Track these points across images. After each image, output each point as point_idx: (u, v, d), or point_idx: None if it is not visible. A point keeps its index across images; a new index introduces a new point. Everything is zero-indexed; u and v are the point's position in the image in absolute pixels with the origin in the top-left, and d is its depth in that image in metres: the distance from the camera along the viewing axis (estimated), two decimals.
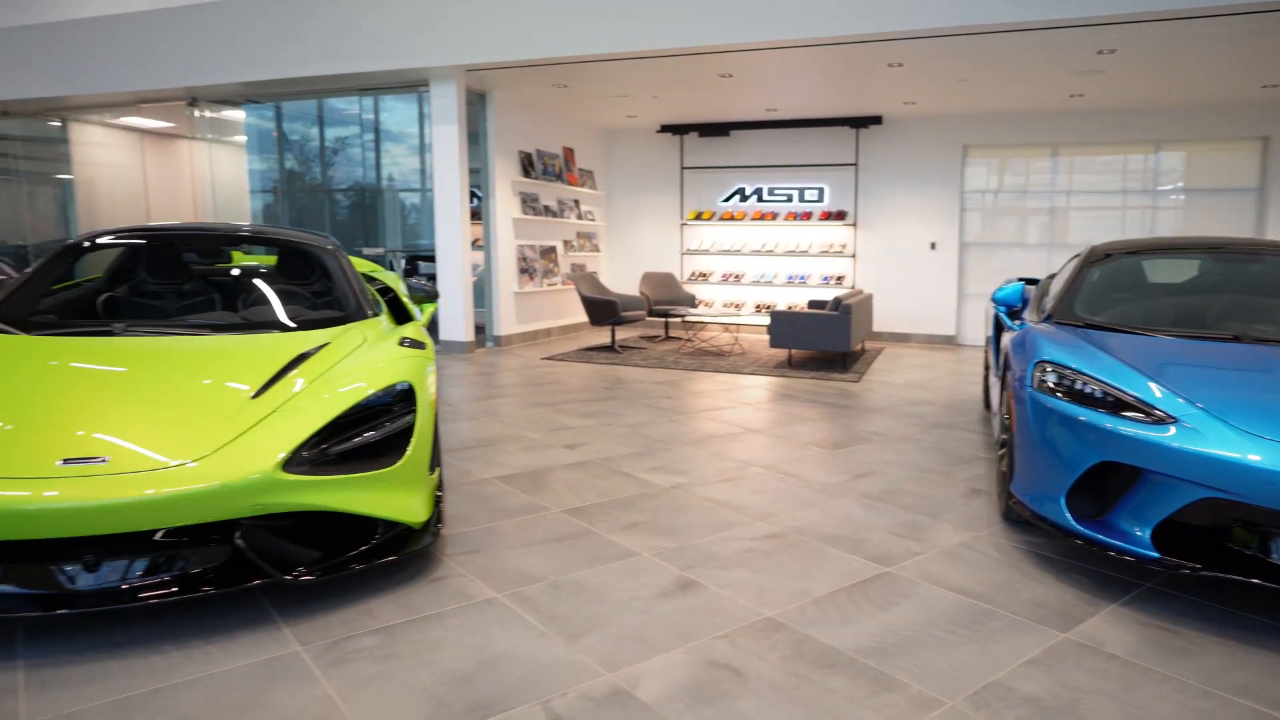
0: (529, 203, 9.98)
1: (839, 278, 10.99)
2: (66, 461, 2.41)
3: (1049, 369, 3.17)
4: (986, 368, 5.81)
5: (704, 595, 2.84)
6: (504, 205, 9.48)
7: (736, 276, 11.50)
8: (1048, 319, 3.89)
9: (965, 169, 10.42)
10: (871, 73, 8.07)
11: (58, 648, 2.39)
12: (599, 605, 2.75)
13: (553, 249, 10.55)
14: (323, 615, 2.64)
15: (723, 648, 2.47)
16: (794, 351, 8.79)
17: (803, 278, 11.16)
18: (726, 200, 11.58)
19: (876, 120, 10.50)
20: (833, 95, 9.34)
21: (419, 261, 10.88)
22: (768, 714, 2.13)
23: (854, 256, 10.90)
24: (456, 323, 8.84)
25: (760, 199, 11.40)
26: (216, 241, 4.49)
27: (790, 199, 11.24)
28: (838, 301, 7.99)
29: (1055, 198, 10.17)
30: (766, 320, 9.70)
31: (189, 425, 2.65)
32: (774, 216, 11.27)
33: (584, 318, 10.90)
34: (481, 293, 9.58)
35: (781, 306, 11.04)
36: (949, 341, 10.54)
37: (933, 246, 10.55)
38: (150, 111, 11.07)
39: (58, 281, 3.90)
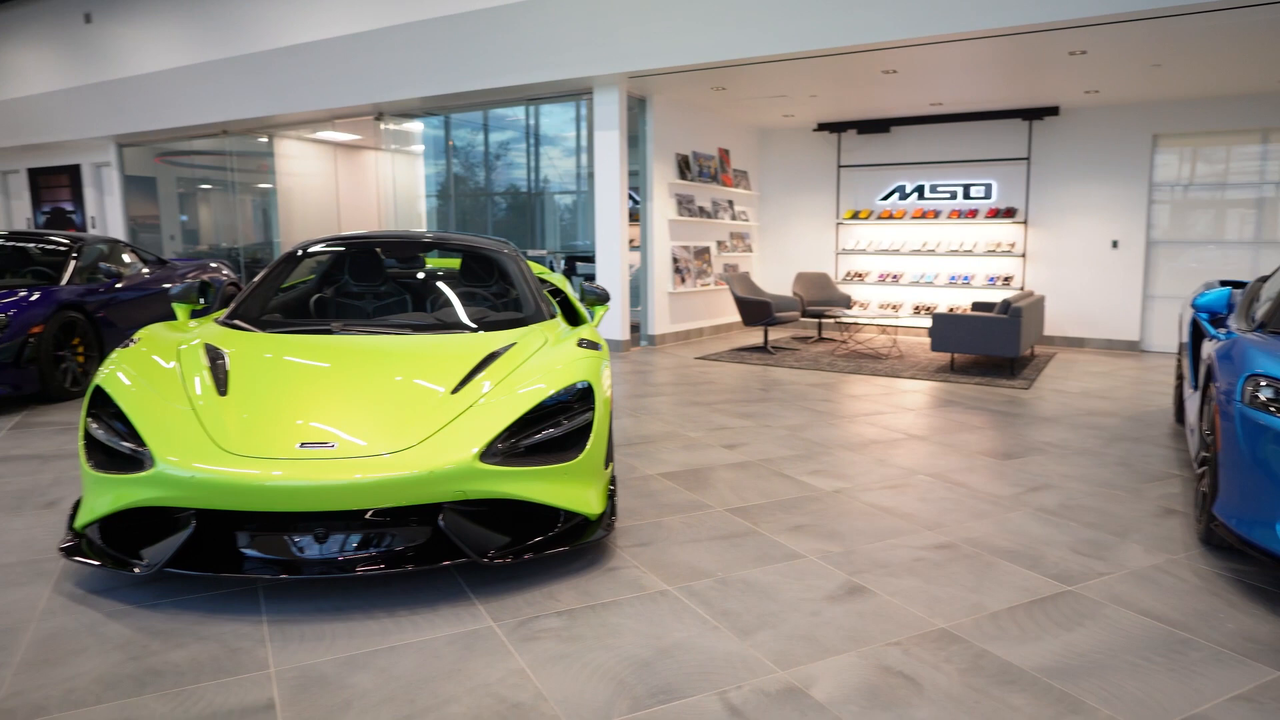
0: (684, 204, 10.14)
1: (1006, 278, 10.45)
2: (303, 445, 2.75)
3: (1263, 383, 2.94)
4: (1180, 378, 5.38)
5: (874, 601, 2.84)
6: (660, 207, 9.69)
7: (894, 277, 11.18)
8: (1260, 328, 3.58)
9: (1154, 159, 9.62)
10: (1050, 62, 7.63)
11: (292, 607, 2.73)
12: (768, 604, 2.82)
13: (706, 249, 10.67)
14: (510, 595, 2.86)
15: (896, 655, 2.48)
16: (956, 356, 8.46)
17: (966, 278, 10.69)
18: (885, 198, 11.27)
19: (1053, 111, 9.89)
20: (1005, 86, 8.89)
21: (577, 262, 11.30)
22: None
23: (1024, 256, 10.32)
24: (613, 322, 9.13)
25: (921, 196, 11.02)
26: (409, 248, 4.90)
27: (954, 196, 10.80)
28: (1006, 304, 7.62)
29: (1264, 189, 9.20)
30: (927, 322, 9.39)
31: (399, 417, 2.94)
32: (936, 215, 10.86)
33: (736, 318, 10.95)
34: (636, 293, 9.84)
35: (942, 308, 10.63)
36: (1131, 347, 9.78)
37: (1114, 245, 9.82)
38: (342, 126, 12.13)
39: (282, 284, 4.39)
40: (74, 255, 6.66)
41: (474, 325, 3.89)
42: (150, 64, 12.84)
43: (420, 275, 4.87)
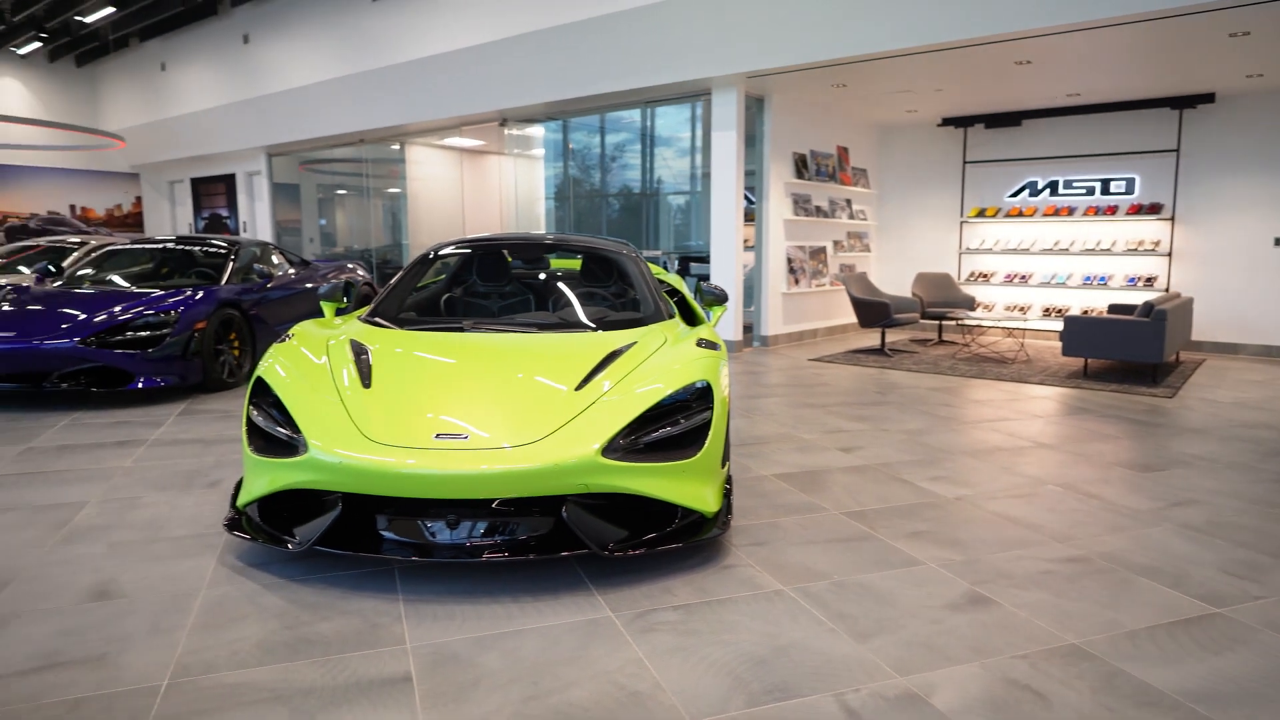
0: (800, 204, 10.02)
1: (1149, 279, 9.78)
2: (439, 436, 2.92)
3: None
4: None
5: (998, 612, 2.76)
6: (776, 207, 9.62)
7: (1023, 277, 10.66)
8: None
9: None
10: (1205, 45, 7.09)
11: (425, 588, 2.91)
12: (886, 609, 2.78)
13: (822, 249, 10.51)
14: (628, 588, 2.94)
15: (1022, 668, 2.40)
16: (1091, 361, 8.00)
17: (1103, 279, 10.08)
18: (1014, 195, 10.77)
19: (1207, 99, 9.17)
20: (1152, 74, 8.32)
21: (690, 263, 11.36)
22: None
23: (1170, 255, 9.63)
24: (726, 322, 9.12)
25: (1054, 193, 10.46)
26: (533, 250, 5.09)
27: (1091, 191, 10.20)
28: (1149, 306, 7.15)
29: None
30: (1058, 325, 8.91)
31: (526, 412, 3.07)
32: (1070, 211, 10.29)
33: (851, 319, 10.73)
34: (750, 293, 9.80)
35: (1075, 310, 10.06)
36: None
37: (1276, 243, 9.02)
38: (468, 132, 12.66)
39: (417, 284, 4.65)
40: (232, 258, 7.25)
41: (595, 325, 4.01)
42: (298, 79, 13.80)
43: (543, 276, 5.04)
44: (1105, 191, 10.11)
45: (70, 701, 2.17)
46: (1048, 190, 10.52)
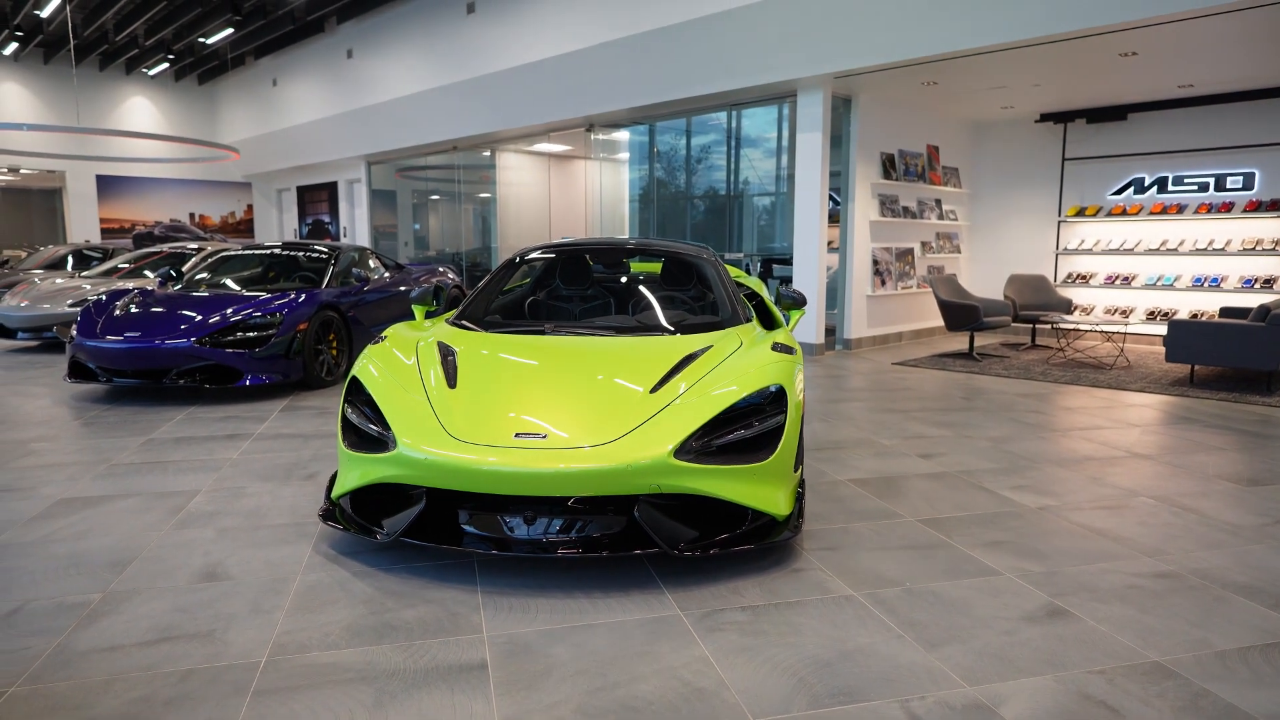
0: (887, 204, 9.83)
1: (1267, 280, 9.16)
2: (519, 435, 3.04)
3: None
4: None
5: (1077, 626, 2.69)
6: (861, 208, 9.47)
7: (1125, 279, 10.16)
8: None
9: None
10: None
11: (502, 581, 3.04)
12: (958, 618, 2.75)
13: (909, 251, 10.27)
14: (697, 588, 2.99)
15: (1099, 684, 2.34)
16: (1198, 368, 7.56)
17: (1215, 281, 9.50)
18: (1117, 193, 10.27)
19: None
20: (1272, 61, 7.79)
21: (773, 264, 11.29)
22: None
23: None
24: (808, 325, 9.04)
25: (1162, 190, 9.93)
26: (615, 254, 5.20)
27: (1205, 188, 9.63)
28: (1265, 310, 6.71)
29: None
30: (1161, 329, 8.47)
31: (602, 412, 3.16)
32: (1179, 209, 9.74)
33: (938, 322, 10.45)
34: (833, 295, 9.68)
35: (1183, 313, 9.52)
36: None
37: None
38: (556, 138, 12.94)
39: (503, 288, 4.82)
40: (332, 262, 7.66)
41: (672, 328, 4.08)
42: (396, 91, 14.41)
43: (623, 280, 5.14)
44: (1220, 188, 9.53)
45: (182, 672, 2.38)
46: (1155, 187, 9.99)
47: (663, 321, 4.25)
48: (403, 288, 8.38)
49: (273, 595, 2.89)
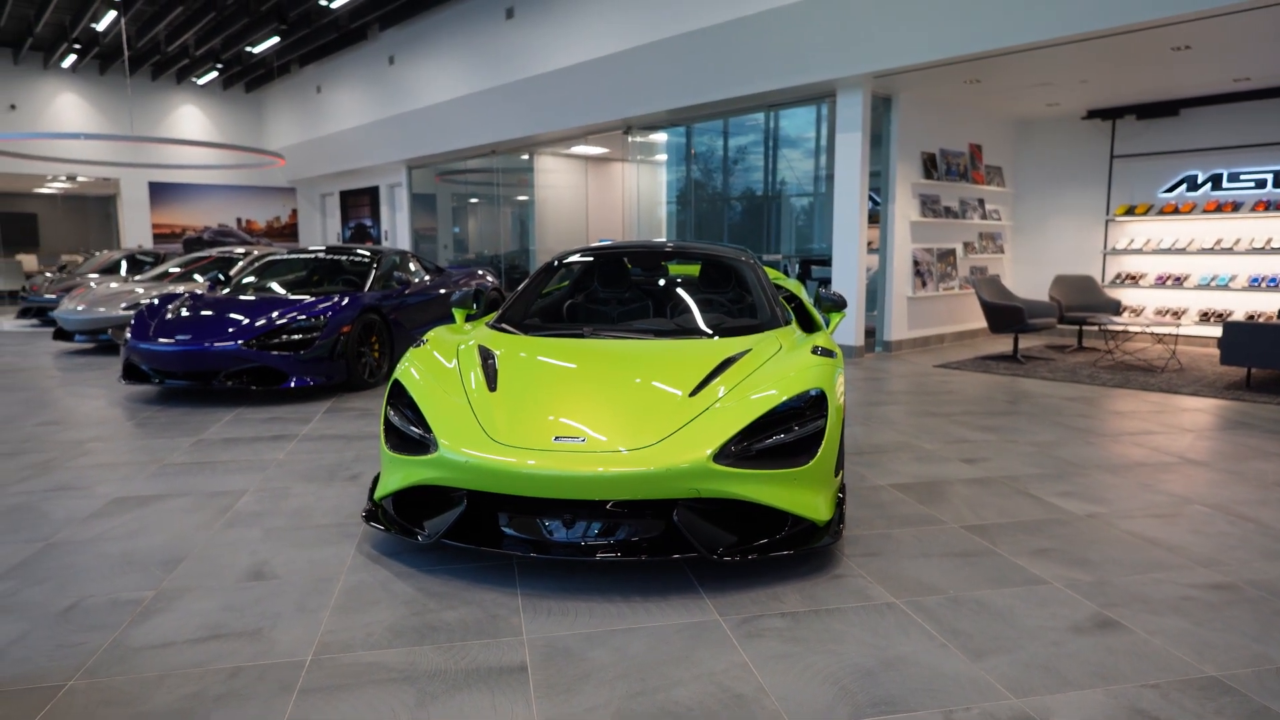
0: (928, 204, 9.69)
1: None
2: (557, 439, 3.06)
3: None
4: None
5: (1128, 638, 2.62)
6: (902, 209, 9.35)
7: (1178, 279, 9.88)
8: None
9: None
10: None
11: (541, 584, 3.05)
12: (1004, 627, 2.69)
13: (951, 251, 10.11)
14: (736, 593, 2.97)
15: (1151, 698, 2.28)
16: (1255, 371, 7.32)
17: (1274, 280, 9.19)
18: (1169, 191, 10.00)
19: None
20: None
21: (812, 265, 11.19)
22: None
23: None
24: (848, 327, 8.95)
25: (1217, 187, 9.64)
26: (653, 257, 5.20)
27: (1262, 185, 9.32)
28: None
29: None
30: (1216, 331, 8.21)
31: (640, 416, 3.16)
32: (1234, 207, 9.45)
33: (981, 324, 10.27)
34: (873, 297, 9.57)
35: (1239, 315, 9.22)
36: None
37: None
38: (593, 140, 12.99)
39: (542, 291, 4.85)
40: (374, 266, 7.78)
41: (711, 331, 4.06)
42: (437, 96, 14.60)
43: (662, 282, 5.13)
44: (1278, 184, 9.22)
45: (230, 669, 2.44)
46: (1209, 184, 9.70)
47: (701, 324, 4.24)
48: (443, 290, 8.48)
49: (317, 595, 2.94)
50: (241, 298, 7.14)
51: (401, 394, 3.46)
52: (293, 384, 6.41)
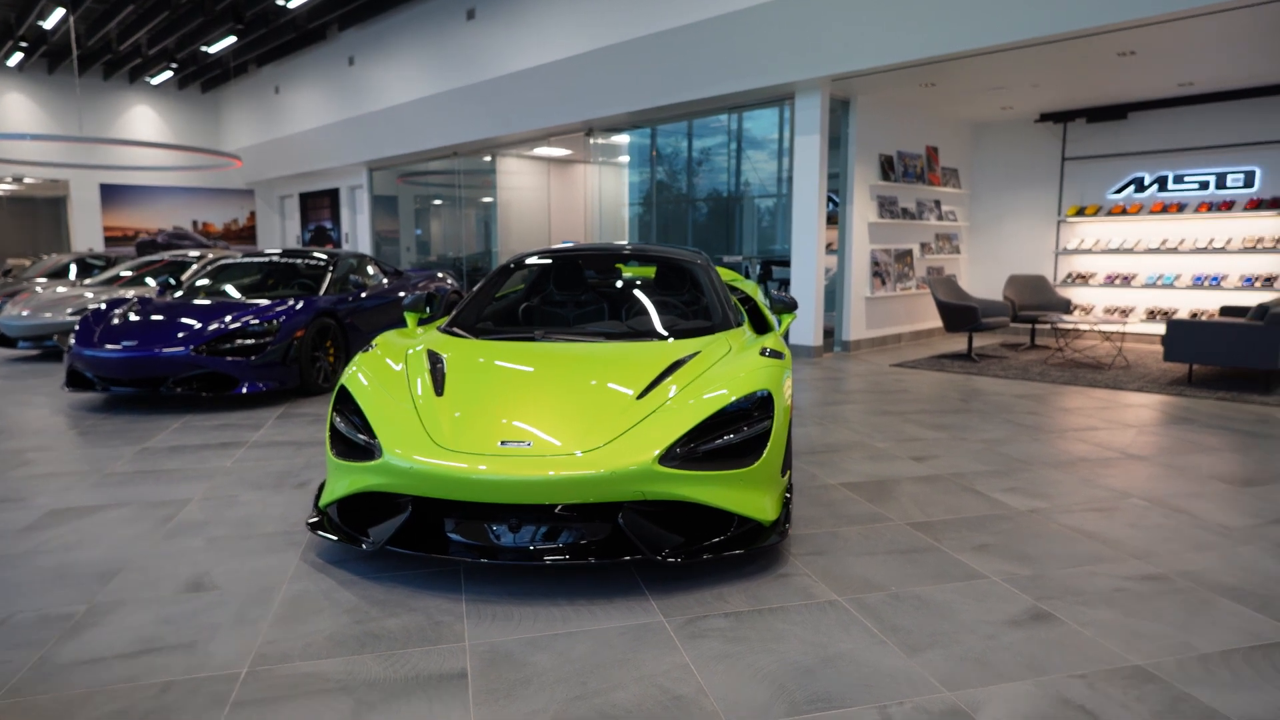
0: (886, 206, 9.82)
1: (1269, 279, 9.12)
2: (503, 444, 3.05)
3: None
4: None
5: (1060, 630, 2.68)
6: (861, 210, 9.46)
7: (1125, 279, 10.12)
8: None
9: None
10: None
11: (487, 589, 3.04)
12: (941, 622, 2.74)
13: (908, 252, 10.25)
14: (682, 594, 2.99)
15: (1078, 688, 2.33)
16: (1196, 367, 7.52)
17: (1215, 279, 9.45)
18: (1118, 192, 10.24)
19: None
20: (1274, 58, 7.75)
21: (773, 266, 11.28)
22: None
23: None
24: (806, 327, 9.03)
25: (1163, 189, 9.90)
26: (609, 260, 5.20)
27: (1205, 186, 9.59)
28: (1264, 308, 6.68)
29: None
30: (1160, 329, 8.42)
31: (588, 419, 3.16)
32: (1180, 208, 9.70)
33: (938, 323, 10.43)
34: (831, 297, 9.66)
35: (1183, 313, 9.48)
36: None
37: None
38: (556, 142, 12.97)
39: (496, 294, 4.82)
40: (330, 269, 7.69)
41: (662, 334, 4.08)
42: (398, 97, 14.47)
43: (619, 285, 5.14)
44: (1220, 186, 9.49)
45: (162, 684, 2.39)
46: (1155, 186, 9.96)
47: (653, 327, 4.25)
48: (401, 294, 8.40)
49: (258, 605, 2.90)
50: (193, 302, 7.01)
51: (347, 400, 3.43)
52: (244, 390, 6.30)
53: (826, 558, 3.31)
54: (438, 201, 16.60)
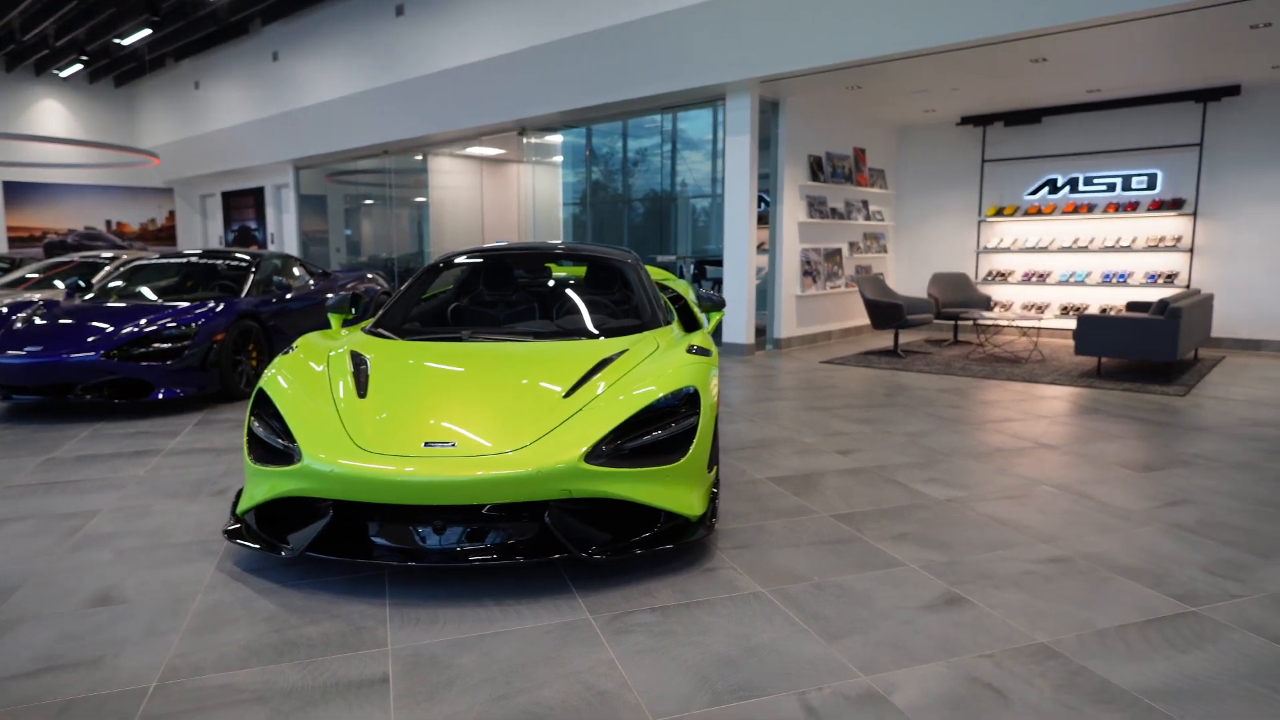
0: (815, 206, 10.02)
1: (1169, 275, 9.62)
2: (427, 445, 3.01)
3: None
4: None
5: (972, 612, 2.78)
6: (790, 210, 9.63)
7: (1040, 276, 10.55)
8: None
9: None
10: (1227, 38, 6.97)
11: (412, 592, 3.00)
12: (860, 610, 2.82)
13: (837, 251, 10.48)
14: (609, 590, 3.00)
15: (987, 667, 2.43)
16: (1105, 360, 7.89)
17: (1122, 276, 9.93)
18: (1033, 193, 10.66)
19: (1232, 91, 9.00)
20: (1173, 67, 8.20)
21: (706, 266, 11.39)
22: None
23: (1191, 251, 9.47)
24: (739, 326, 9.16)
25: (1074, 190, 10.34)
26: (539, 259, 5.19)
27: (1112, 188, 10.06)
28: (1164, 304, 7.05)
29: None
30: (1072, 324, 8.78)
31: (513, 419, 3.15)
32: (1090, 209, 10.16)
33: (866, 321, 10.68)
34: (763, 296, 9.82)
35: (1094, 308, 9.93)
36: None
37: None
38: (488, 141, 12.84)
39: (423, 295, 4.76)
40: (253, 270, 7.46)
41: (592, 332, 4.09)
42: (325, 94, 14.11)
43: (550, 284, 5.12)
44: (1126, 188, 9.97)
45: (61, 703, 2.29)
46: (1068, 187, 10.40)
47: (582, 326, 4.26)
48: (329, 295, 8.21)
49: (170, 617, 2.80)
50: (105, 305, 6.72)
51: (266, 403, 3.34)
52: (160, 396, 6.07)
53: (752, 551, 3.37)
54: (368, 201, 16.25)
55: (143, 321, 6.23)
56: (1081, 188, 10.28)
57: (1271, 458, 4.64)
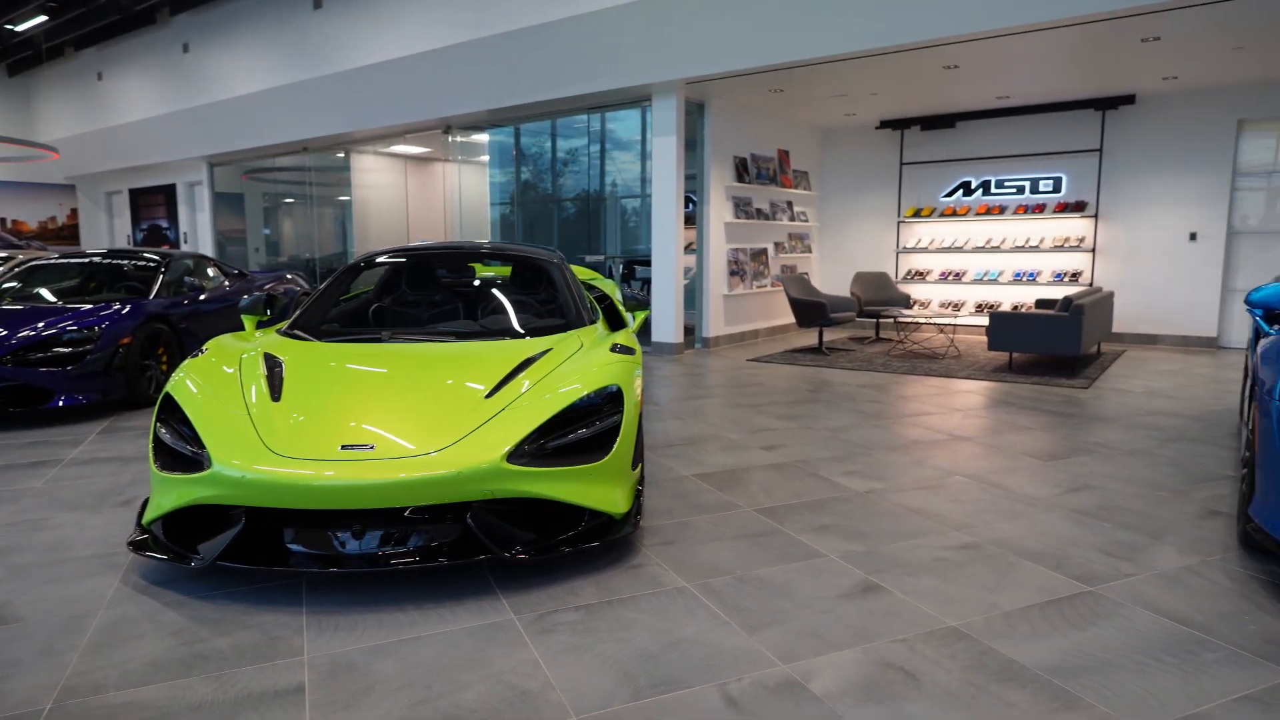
0: (741, 206, 10.16)
1: (1074, 274, 10.10)
2: (344, 448, 2.94)
3: None
4: (1246, 375, 5.15)
5: (887, 599, 2.87)
6: (717, 210, 9.74)
7: (957, 275, 10.94)
8: None
9: (1239, 146, 9.16)
10: (1122, 50, 7.36)
11: (331, 599, 2.93)
12: (781, 601, 2.88)
13: (763, 251, 10.66)
14: (534, 590, 2.99)
15: (900, 651, 2.51)
16: (1016, 355, 8.24)
17: (1032, 275, 10.38)
18: (949, 195, 11.05)
19: (1128, 100, 9.51)
20: (1075, 76, 8.62)
21: (635, 266, 11.43)
22: (938, 719, 2.16)
23: (1093, 250, 9.97)
24: (667, 325, 9.22)
25: (987, 192, 10.76)
26: (463, 259, 5.12)
27: (1021, 191, 10.50)
28: (1068, 301, 7.40)
29: None
30: (985, 321, 9.13)
31: (434, 420, 3.11)
32: (1001, 210, 10.59)
33: (792, 319, 10.90)
34: (692, 295, 9.91)
35: (1006, 306, 10.35)
36: (1208, 344, 9.33)
37: (1192, 237, 9.39)
38: (413, 140, 12.60)
39: (342, 295, 4.65)
40: (162, 271, 7.15)
41: (516, 331, 4.06)
42: (240, 88, 13.61)
43: (475, 283, 5.07)
44: (1034, 190, 10.42)
45: None
46: (980, 190, 10.81)
47: (506, 325, 4.23)
48: (245, 297, 7.92)
49: (67, 635, 2.66)
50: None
51: (173, 408, 3.21)
52: (61, 403, 5.77)
53: (677, 546, 3.40)
54: (288, 200, 15.76)
55: (40, 325, 5.91)
56: (994, 190, 10.70)
57: (1165, 445, 4.92)
